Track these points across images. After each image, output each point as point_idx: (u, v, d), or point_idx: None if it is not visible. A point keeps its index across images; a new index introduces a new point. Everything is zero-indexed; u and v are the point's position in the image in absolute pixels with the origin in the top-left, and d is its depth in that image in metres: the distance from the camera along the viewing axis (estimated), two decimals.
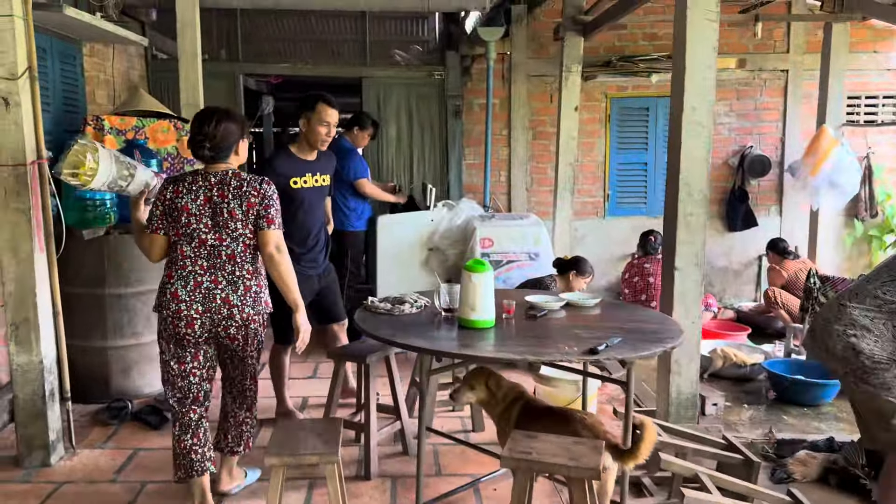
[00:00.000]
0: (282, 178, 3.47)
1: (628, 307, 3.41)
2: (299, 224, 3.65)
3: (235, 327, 2.81)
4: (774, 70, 6.74)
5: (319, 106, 3.54)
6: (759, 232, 6.89)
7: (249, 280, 2.83)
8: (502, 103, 6.68)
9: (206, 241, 2.78)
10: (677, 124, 3.39)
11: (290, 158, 3.64)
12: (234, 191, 2.78)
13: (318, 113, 3.54)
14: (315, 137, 3.59)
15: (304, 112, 3.57)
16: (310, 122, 3.56)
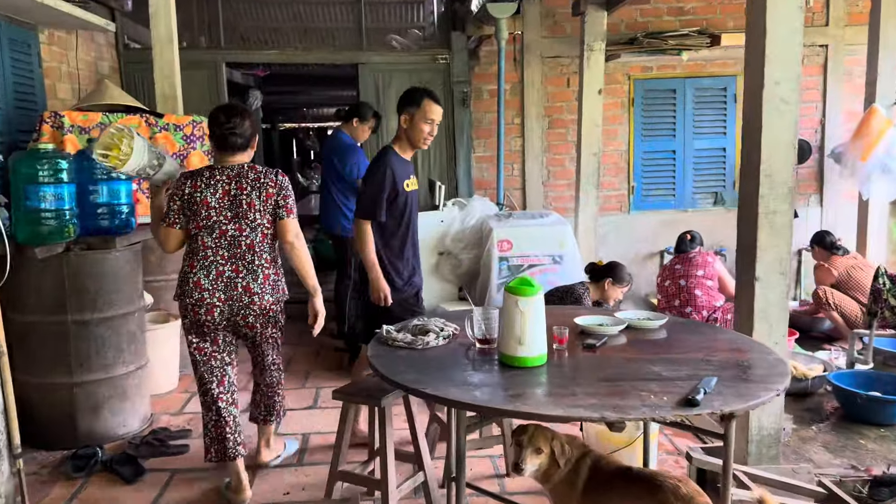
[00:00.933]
0: (398, 179, 3.28)
1: (698, 327, 2.80)
2: (410, 234, 3.45)
3: (254, 315, 2.94)
4: (813, 45, 6.12)
5: (425, 102, 3.25)
6: (798, 224, 6.25)
7: (268, 269, 2.97)
8: (513, 89, 6.05)
9: (226, 233, 2.90)
10: (755, 102, 2.77)
11: (399, 158, 3.36)
12: (252, 182, 2.91)
13: (424, 109, 3.25)
14: (418, 136, 3.30)
15: (407, 108, 3.29)
16: (413, 118, 3.28)
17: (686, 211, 6.29)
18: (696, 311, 4.91)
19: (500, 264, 4.92)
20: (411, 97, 3.27)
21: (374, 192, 3.24)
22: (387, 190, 3.23)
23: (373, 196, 3.24)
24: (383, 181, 3.23)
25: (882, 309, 4.30)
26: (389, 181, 3.23)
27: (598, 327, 2.64)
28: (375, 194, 3.23)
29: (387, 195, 3.24)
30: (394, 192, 3.25)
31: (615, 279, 4.27)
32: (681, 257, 5.16)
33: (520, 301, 2.20)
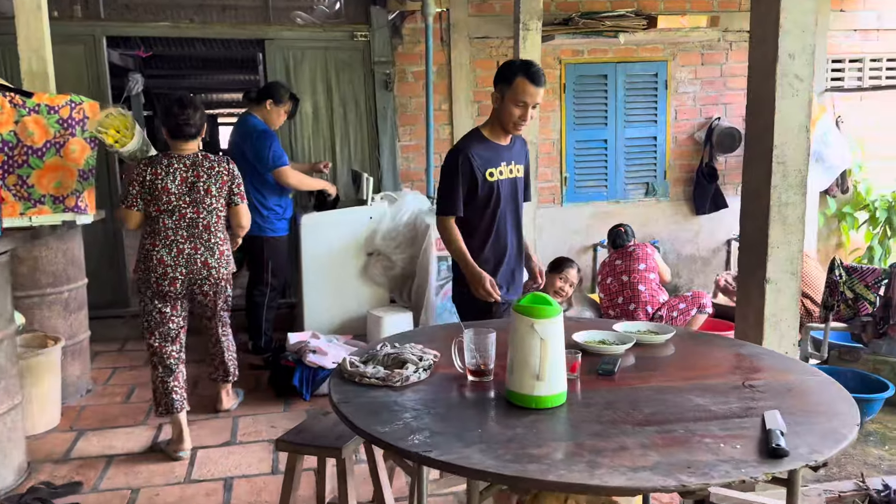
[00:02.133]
0: (477, 167, 2.81)
1: (704, 339, 2.42)
2: (494, 232, 2.90)
3: (209, 285, 3.37)
4: (741, 31, 6.00)
5: (519, 80, 2.69)
6: (727, 214, 6.17)
7: (223, 245, 3.41)
8: (440, 71, 5.54)
9: (185, 215, 3.27)
10: (766, 79, 2.41)
11: (485, 143, 2.88)
12: (208, 171, 3.30)
13: (515, 88, 2.70)
14: (507, 119, 2.77)
15: (499, 84, 2.76)
16: (503, 98, 2.74)
17: (618, 202, 6.03)
18: (640, 308, 4.63)
19: (438, 265, 4.43)
20: (504, 71, 2.74)
21: (445, 186, 2.84)
22: (460, 183, 2.78)
23: (444, 191, 2.85)
24: (455, 174, 2.79)
25: (838, 302, 4.15)
26: (465, 171, 2.78)
27: (602, 345, 2.21)
28: (447, 189, 2.83)
29: (463, 188, 2.79)
30: (472, 182, 2.79)
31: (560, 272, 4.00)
32: (620, 252, 4.88)
33: (538, 325, 1.72)
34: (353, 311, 4.66)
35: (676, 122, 6.06)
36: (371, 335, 4.48)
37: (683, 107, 6.06)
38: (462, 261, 2.80)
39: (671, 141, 6.07)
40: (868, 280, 4.14)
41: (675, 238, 6.18)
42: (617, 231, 5.05)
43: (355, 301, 4.66)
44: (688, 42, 5.86)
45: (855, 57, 6.24)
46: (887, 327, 4.10)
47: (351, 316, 4.66)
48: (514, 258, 2.97)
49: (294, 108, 4.62)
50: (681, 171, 6.13)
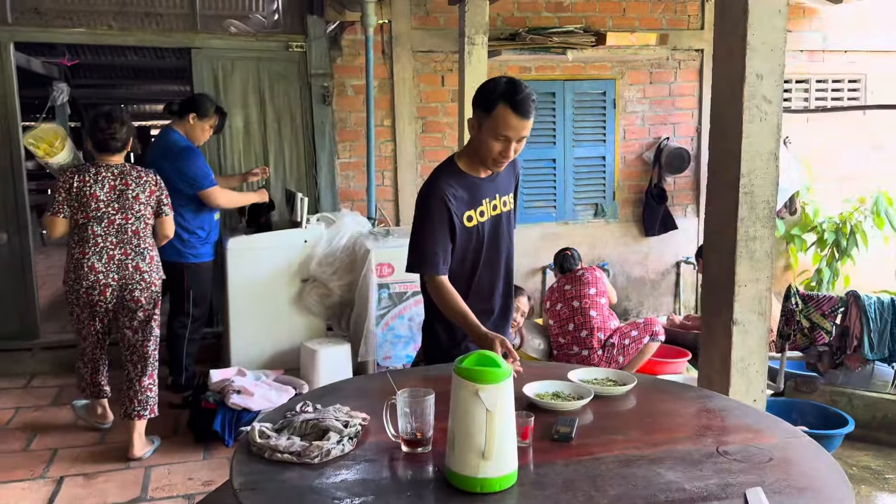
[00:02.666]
0: (454, 213, 2.23)
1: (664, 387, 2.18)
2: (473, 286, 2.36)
3: (140, 290, 3.41)
4: (689, 50, 5.90)
5: (501, 110, 2.11)
6: (676, 236, 6.05)
7: (152, 251, 3.49)
8: (382, 85, 5.26)
9: (114, 222, 3.36)
10: (731, 101, 2.20)
11: (462, 178, 2.29)
12: (136, 180, 3.41)
13: (497, 120, 2.13)
14: (485, 154, 2.21)
15: (477, 111, 2.20)
16: (481, 128, 2.19)
17: (567, 223, 5.84)
18: (592, 334, 4.42)
19: (379, 292, 4.12)
20: (483, 95, 2.17)
21: (425, 237, 2.24)
22: (437, 234, 2.22)
23: (423, 244, 2.24)
24: (431, 221, 2.22)
25: (794, 332, 4.00)
26: (439, 221, 2.21)
27: (557, 401, 1.94)
28: (428, 241, 2.23)
29: (441, 239, 2.24)
30: (450, 230, 2.24)
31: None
32: (568, 276, 4.66)
33: (484, 392, 1.43)
34: (285, 343, 4.30)
35: (625, 142, 5.91)
36: (305, 369, 4.13)
37: (632, 126, 5.91)
38: (465, 324, 2.19)
39: (620, 161, 5.92)
40: (824, 308, 4.01)
41: (624, 260, 6.01)
42: (564, 255, 4.85)
43: (287, 332, 4.30)
44: (636, 60, 5.73)
45: (801, 78, 6.22)
46: (844, 357, 3.97)
47: (282, 348, 4.30)
48: (498, 315, 2.44)
49: (221, 122, 4.26)
50: (630, 192, 5.98)
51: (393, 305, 4.17)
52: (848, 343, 3.90)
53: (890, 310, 3.82)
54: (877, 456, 3.68)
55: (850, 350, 3.90)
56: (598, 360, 4.37)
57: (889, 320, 3.82)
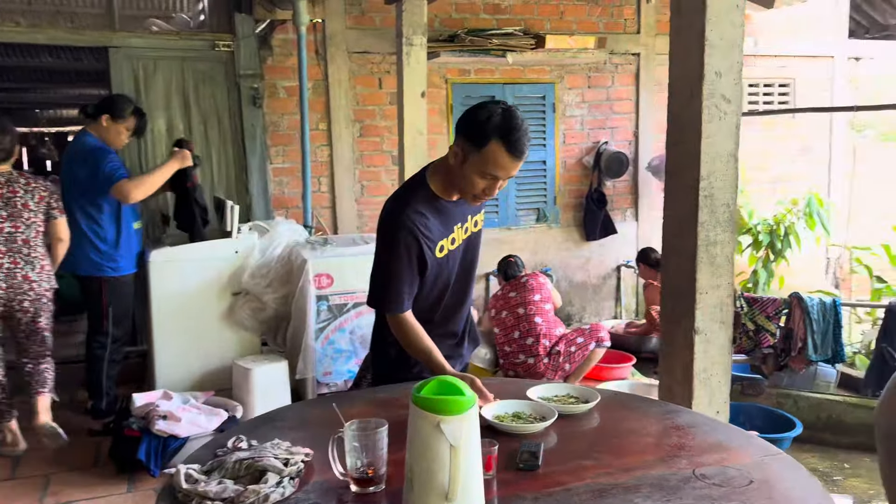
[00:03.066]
0: (427, 246, 2.00)
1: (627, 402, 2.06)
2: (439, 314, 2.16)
3: (30, 301, 3.41)
4: (626, 54, 5.90)
5: (494, 147, 1.87)
6: (617, 240, 6.03)
7: (43, 260, 3.48)
8: (316, 87, 5.03)
9: (3, 230, 3.34)
10: (689, 101, 2.10)
11: (434, 205, 2.03)
12: (25, 187, 3.42)
13: (487, 157, 1.88)
14: (466, 187, 1.97)
15: (465, 141, 1.92)
16: (466, 161, 1.92)
17: (510, 229, 5.73)
18: (538, 342, 4.32)
19: (317, 304, 3.90)
20: (475, 125, 1.89)
21: (389, 273, 2.01)
22: (404, 272, 2.00)
23: (387, 279, 2.02)
24: (399, 255, 1.98)
25: (739, 335, 3.99)
26: (411, 253, 1.99)
27: (518, 422, 1.79)
28: (393, 277, 2.00)
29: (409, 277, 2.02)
30: (420, 265, 2.02)
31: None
32: (513, 283, 4.56)
33: (447, 425, 1.26)
34: (216, 362, 4.02)
35: (565, 146, 5.86)
36: (238, 389, 3.86)
37: (571, 130, 5.87)
38: (430, 363, 2.00)
39: (560, 165, 5.86)
40: (769, 311, 4.02)
41: (566, 265, 5.95)
42: (508, 262, 4.75)
43: (218, 350, 4.02)
44: (575, 64, 5.69)
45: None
46: (788, 359, 3.99)
47: (213, 367, 4.01)
48: (461, 338, 2.27)
49: (140, 125, 3.94)
50: (571, 197, 5.93)
51: (333, 318, 3.95)
52: (792, 345, 3.91)
53: (832, 311, 3.85)
54: (823, 458, 3.69)
55: (795, 352, 3.91)
56: (544, 368, 4.27)
57: (831, 321, 3.85)
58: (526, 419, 1.81)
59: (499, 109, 1.90)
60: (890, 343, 3.74)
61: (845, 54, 6.59)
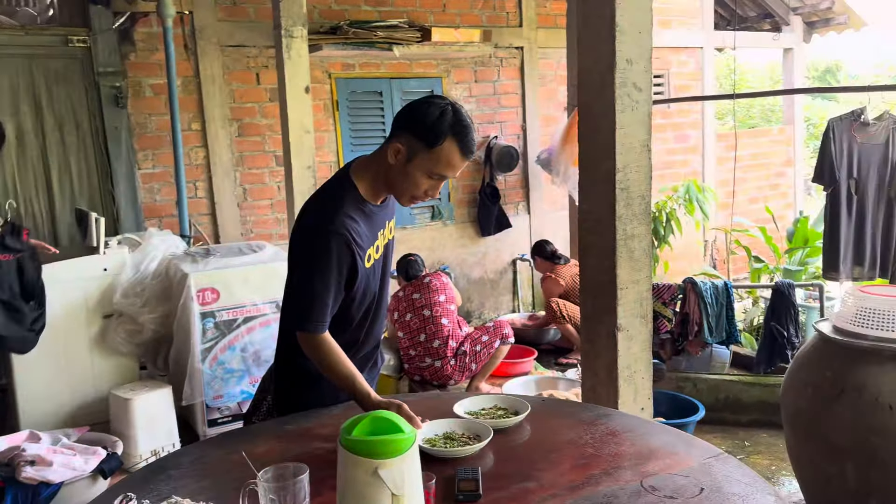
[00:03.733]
0: (359, 255, 1.80)
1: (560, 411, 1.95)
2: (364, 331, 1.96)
3: None
4: (510, 47, 5.88)
5: (448, 145, 1.74)
6: (511, 234, 6.02)
7: None
8: (187, 85, 4.64)
9: None
10: (601, 91, 2.02)
11: (363, 210, 1.84)
12: None
13: (440, 156, 1.75)
14: (407, 189, 1.81)
15: (410, 138, 1.76)
16: (413, 160, 1.76)
17: (406, 228, 5.57)
18: (444, 344, 4.19)
19: (202, 322, 3.57)
20: (426, 124, 1.73)
21: (312, 288, 1.76)
22: (332, 285, 1.77)
23: (310, 298, 1.77)
24: (328, 267, 1.75)
25: None
26: (342, 263, 1.77)
27: (452, 445, 1.63)
28: (316, 291, 1.76)
29: (336, 291, 1.79)
30: (351, 275, 1.80)
31: None
32: (415, 284, 4.40)
33: (386, 470, 1.07)
34: (90, 393, 3.60)
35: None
36: (117, 422, 3.47)
37: None
38: (353, 391, 1.77)
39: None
40: (665, 297, 4.09)
41: (462, 262, 5.87)
42: (409, 261, 4.57)
43: (91, 379, 3.60)
44: (461, 58, 5.60)
45: None
46: (686, 343, 4.07)
47: (87, 399, 3.59)
48: (376, 356, 2.09)
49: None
50: (464, 193, 5.84)
51: (221, 336, 3.63)
52: (689, 329, 4.00)
53: (724, 294, 3.97)
54: (724, 437, 3.79)
55: (692, 336, 4.00)
56: (451, 370, 4.15)
57: (724, 304, 3.96)
58: (459, 440, 1.65)
59: (448, 107, 1.76)
60: (778, 321, 3.89)
61: (713, 45, 6.91)
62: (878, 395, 2.30)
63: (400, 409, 1.66)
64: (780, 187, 7.53)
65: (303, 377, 1.97)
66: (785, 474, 3.34)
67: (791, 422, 2.65)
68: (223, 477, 1.49)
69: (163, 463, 1.66)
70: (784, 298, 3.91)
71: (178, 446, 3.57)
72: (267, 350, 3.62)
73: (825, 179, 4.13)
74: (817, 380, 2.48)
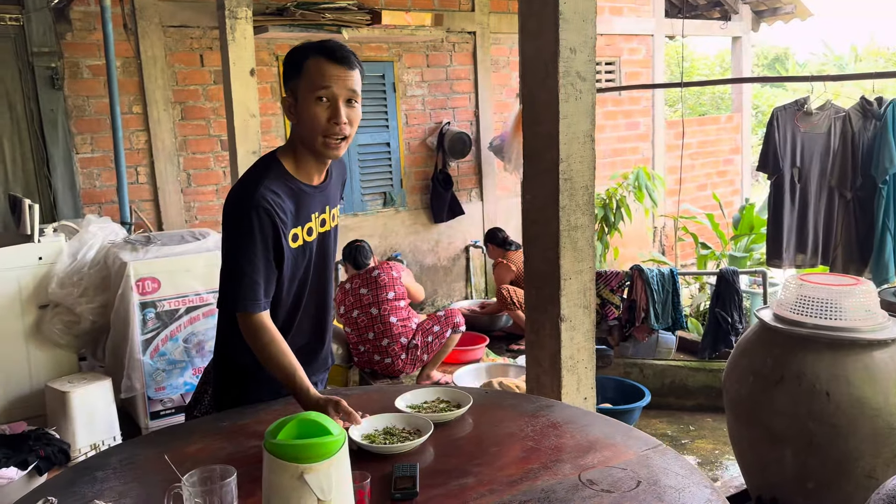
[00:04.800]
0: (281, 229, 1.74)
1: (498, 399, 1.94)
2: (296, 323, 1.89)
3: None
4: (462, 32, 5.82)
5: (312, 61, 1.71)
6: (463, 221, 6.00)
7: None
8: (127, 66, 4.47)
9: None
10: (544, 80, 2.00)
11: (288, 185, 1.78)
12: None
13: (311, 73, 1.71)
14: (312, 130, 1.73)
15: (289, 81, 1.76)
16: (298, 97, 1.74)
17: (357, 215, 5.50)
18: (394, 341, 4.13)
19: (143, 313, 3.47)
20: (290, 61, 1.76)
21: (240, 262, 1.70)
22: (258, 258, 1.70)
23: (238, 270, 1.71)
24: (252, 239, 1.68)
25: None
26: (262, 240, 1.70)
27: (390, 440, 1.60)
28: (244, 265, 1.70)
29: (264, 265, 1.72)
30: (276, 252, 1.74)
31: None
32: (363, 277, 4.28)
33: (312, 474, 1.04)
34: (25, 387, 3.47)
35: (408, 128, 5.70)
36: (54, 416, 3.35)
37: (413, 111, 5.71)
38: (291, 385, 1.70)
39: (405, 147, 5.70)
40: (612, 284, 4.13)
41: (415, 249, 5.83)
42: (357, 247, 4.45)
43: (27, 372, 3.47)
44: (413, 42, 5.53)
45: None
46: (632, 329, 4.12)
47: (22, 393, 3.46)
48: (321, 350, 2.00)
49: None
50: (416, 179, 5.79)
51: (162, 326, 3.53)
52: (636, 315, 4.05)
53: (670, 281, 4.02)
54: (671, 422, 3.86)
55: (639, 322, 4.05)
56: (402, 365, 4.12)
57: (670, 291, 4.02)
58: (399, 435, 1.62)
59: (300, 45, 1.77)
60: (722, 308, 3.97)
61: (663, 33, 6.97)
62: (815, 381, 2.35)
63: (338, 406, 1.62)
64: (727, 174, 7.67)
65: (240, 371, 1.91)
66: (728, 458, 3.42)
67: (733, 408, 2.70)
68: (151, 478, 1.44)
69: (89, 463, 1.59)
70: (728, 285, 3.99)
71: (119, 440, 3.47)
72: (210, 341, 3.53)
73: (769, 167, 4.20)
74: (758, 366, 2.53)
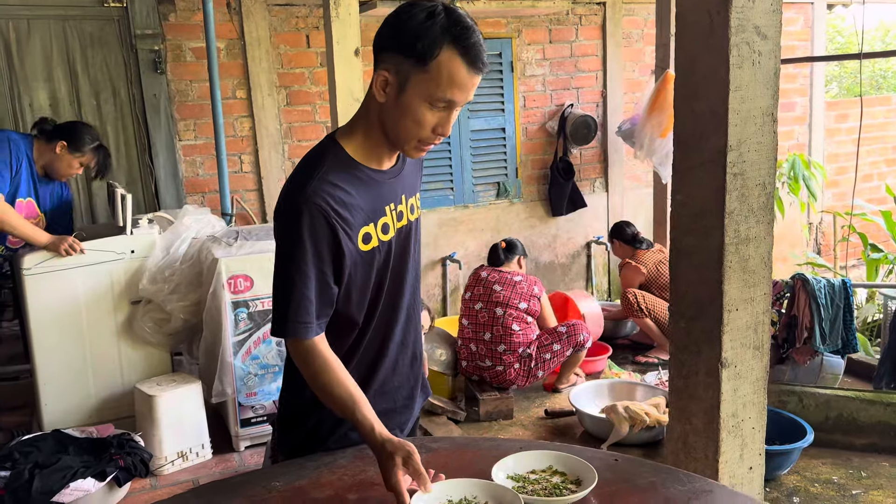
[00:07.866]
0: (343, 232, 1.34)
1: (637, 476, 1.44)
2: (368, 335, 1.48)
3: None
4: (590, 3, 5.23)
5: (447, 56, 1.26)
6: (585, 214, 5.44)
7: None
8: (231, 48, 4.27)
9: None
10: (707, 39, 1.46)
11: (354, 176, 1.39)
12: None
13: (440, 72, 1.27)
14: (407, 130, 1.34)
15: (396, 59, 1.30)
16: (405, 89, 1.30)
17: (467, 207, 5.08)
18: (510, 350, 3.71)
19: (234, 313, 3.21)
20: (412, 34, 1.27)
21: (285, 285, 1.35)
22: (310, 273, 1.33)
23: (285, 295, 1.35)
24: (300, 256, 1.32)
25: None
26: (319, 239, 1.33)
27: None
28: (290, 289, 1.34)
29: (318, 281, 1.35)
30: (336, 257, 1.36)
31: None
32: (502, 275, 3.88)
33: None
34: (117, 386, 3.32)
35: (526, 111, 5.20)
36: (141, 420, 3.17)
37: (532, 92, 5.20)
38: (353, 418, 1.34)
39: (521, 133, 5.20)
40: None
41: (531, 244, 5.34)
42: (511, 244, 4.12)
43: (118, 371, 3.32)
44: (534, 15, 5.01)
45: None
46: (791, 350, 3.44)
47: (112, 393, 3.32)
48: (406, 371, 1.58)
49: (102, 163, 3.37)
50: (534, 168, 5.29)
51: (255, 328, 3.27)
52: (797, 335, 3.37)
53: (841, 294, 3.31)
54: (836, 465, 3.18)
55: (800, 342, 3.37)
56: (514, 375, 3.68)
57: (841, 306, 3.31)
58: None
59: (438, 6, 1.27)
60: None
61: (824, 0, 6.04)
62: None
63: (408, 460, 1.21)
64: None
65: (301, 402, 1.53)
66: None
67: None
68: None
69: None
70: None
71: (208, 447, 3.25)
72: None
73: None
74: None
